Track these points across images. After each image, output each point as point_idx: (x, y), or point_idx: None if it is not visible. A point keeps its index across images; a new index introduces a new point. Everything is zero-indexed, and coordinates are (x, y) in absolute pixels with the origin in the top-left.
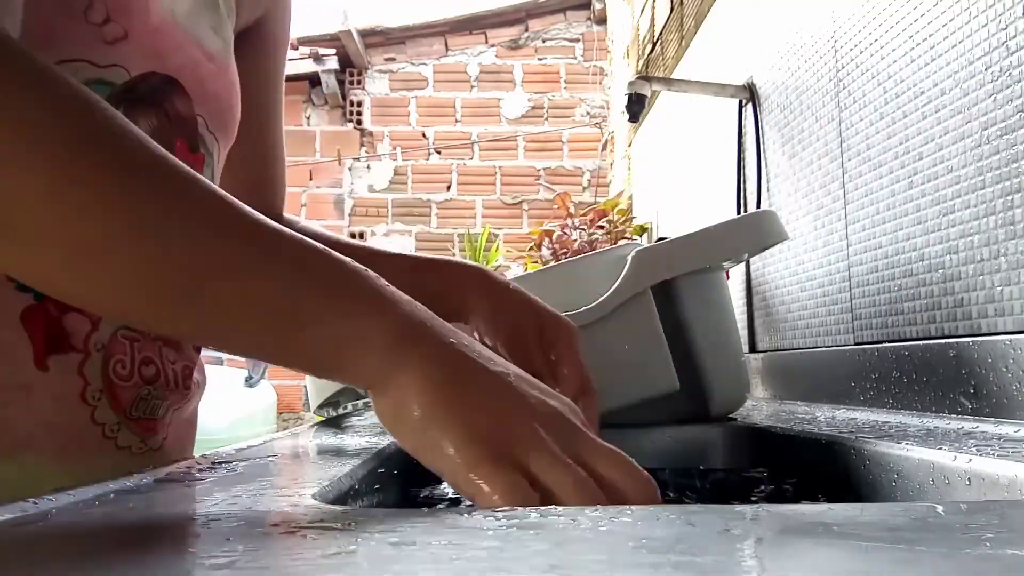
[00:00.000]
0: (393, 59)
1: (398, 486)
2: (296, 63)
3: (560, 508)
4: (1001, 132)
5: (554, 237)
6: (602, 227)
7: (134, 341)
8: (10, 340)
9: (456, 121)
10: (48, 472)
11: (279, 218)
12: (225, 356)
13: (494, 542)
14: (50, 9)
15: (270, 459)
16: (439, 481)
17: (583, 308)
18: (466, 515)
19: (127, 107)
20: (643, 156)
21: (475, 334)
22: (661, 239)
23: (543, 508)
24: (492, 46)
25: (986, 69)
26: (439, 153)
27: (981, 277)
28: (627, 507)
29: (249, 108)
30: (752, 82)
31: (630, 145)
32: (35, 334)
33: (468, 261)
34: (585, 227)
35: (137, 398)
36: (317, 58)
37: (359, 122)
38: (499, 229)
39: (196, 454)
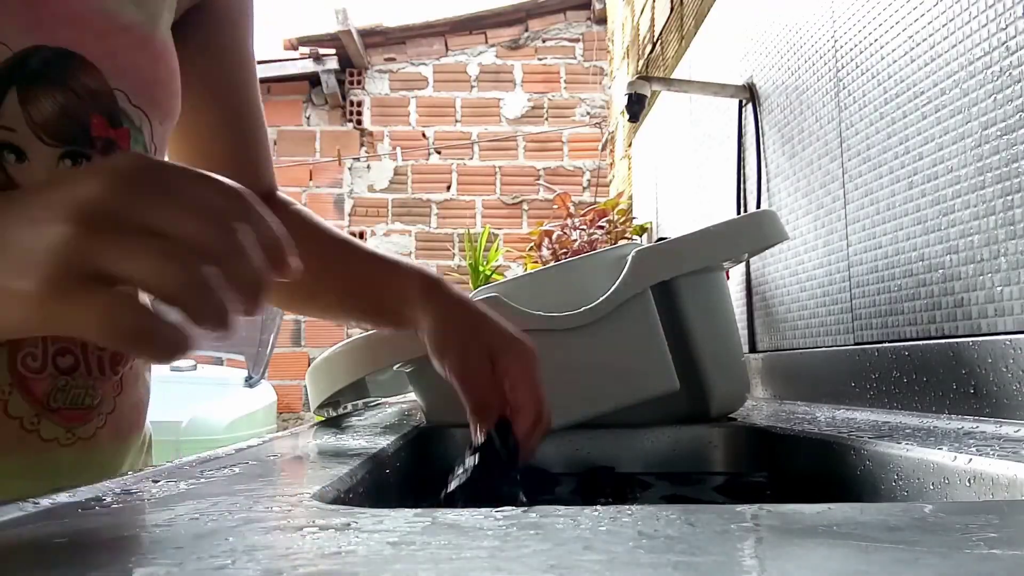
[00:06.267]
0: (393, 59)
1: (398, 486)
2: (296, 63)
3: (561, 508)
4: (1001, 132)
5: (554, 237)
6: (602, 227)
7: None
8: None
9: (456, 121)
10: None
11: (271, 194)
12: (224, 356)
13: (494, 542)
14: None
15: (270, 459)
16: (439, 481)
17: (583, 308)
18: (466, 515)
19: (25, 87)
20: (643, 156)
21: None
22: (661, 239)
23: (543, 508)
24: (492, 46)
25: (986, 69)
26: (439, 153)
27: (981, 277)
28: (627, 507)
29: (208, 85)
30: (752, 82)
31: (630, 145)
32: None
33: (422, 269)
34: (585, 227)
35: (54, 388)
36: (317, 58)
37: (359, 122)
38: (499, 229)
39: (195, 454)
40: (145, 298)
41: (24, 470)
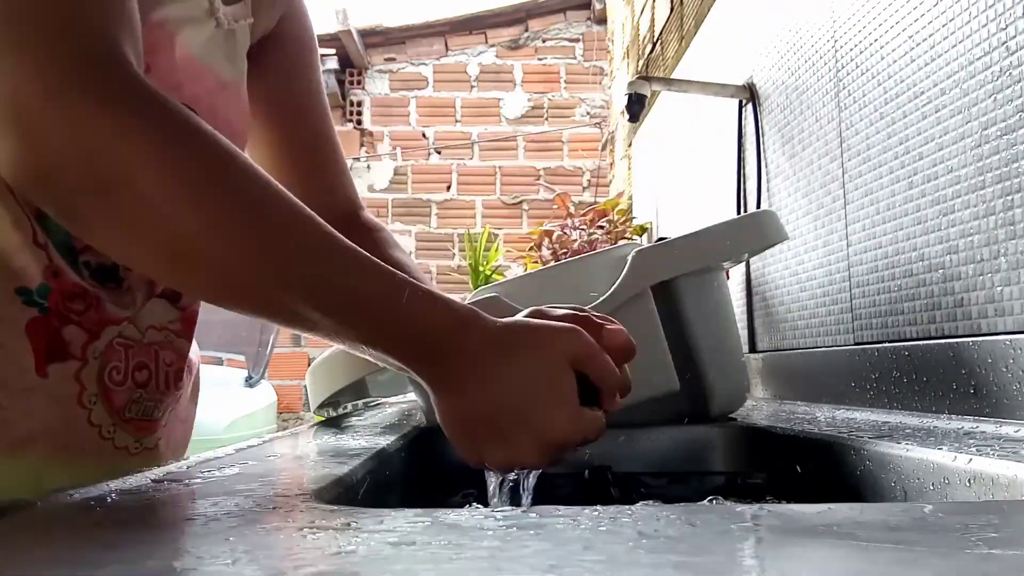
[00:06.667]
0: (393, 59)
1: (398, 486)
2: None
3: (561, 508)
4: (1001, 132)
5: (554, 237)
6: (602, 227)
7: (128, 348)
8: (14, 349)
9: (456, 121)
10: (49, 470)
11: (354, 215)
12: (224, 356)
13: (494, 542)
14: None
15: (270, 459)
16: (439, 481)
17: None
18: (466, 515)
19: None
20: (643, 156)
21: None
22: (661, 239)
23: (543, 508)
24: (492, 46)
25: (986, 69)
26: (439, 153)
27: (981, 277)
28: (627, 507)
29: (282, 101)
30: (752, 82)
31: (630, 145)
32: (37, 344)
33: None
34: (585, 227)
35: (130, 400)
36: None
37: (359, 122)
38: (499, 229)
39: (195, 454)
40: None
41: (97, 476)
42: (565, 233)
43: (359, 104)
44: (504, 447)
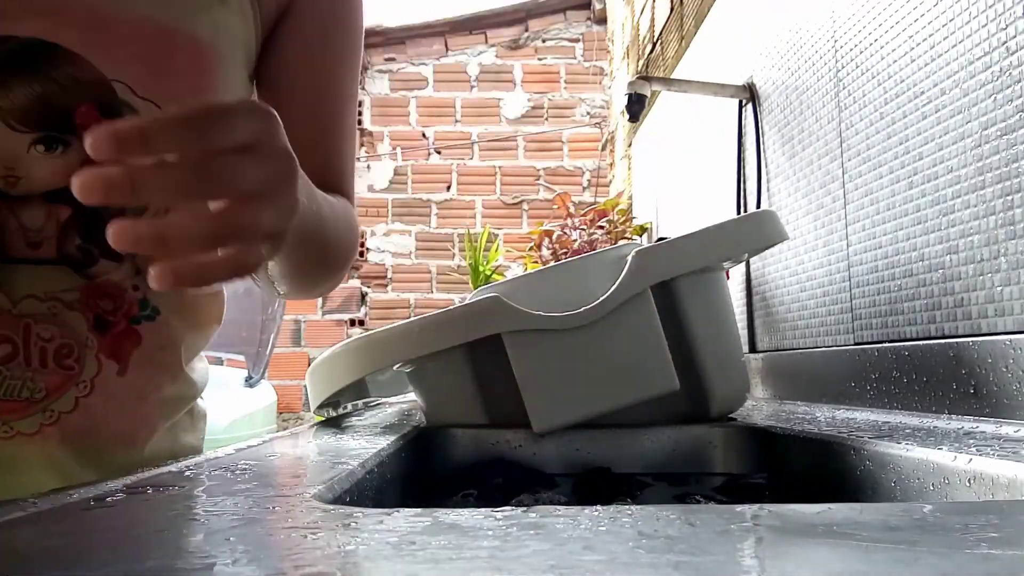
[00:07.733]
0: (393, 59)
1: (398, 486)
2: None
3: (560, 508)
4: (1001, 132)
5: (554, 237)
6: (602, 227)
7: None
8: None
9: (456, 121)
10: None
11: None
12: (224, 356)
13: (494, 542)
14: None
15: (270, 459)
16: (439, 481)
17: (583, 308)
18: (466, 515)
19: None
20: (643, 156)
21: None
22: (661, 239)
23: (543, 508)
24: (492, 46)
25: (986, 69)
26: (439, 153)
27: (981, 277)
28: (627, 507)
29: (292, 90)
30: (752, 82)
31: (630, 145)
32: None
33: None
34: (585, 227)
35: None
36: None
37: (359, 122)
38: (499, 229)
39: (195, 454)
40: None
41: None
42: (565, 233)
43: (359, 104)
44: None
